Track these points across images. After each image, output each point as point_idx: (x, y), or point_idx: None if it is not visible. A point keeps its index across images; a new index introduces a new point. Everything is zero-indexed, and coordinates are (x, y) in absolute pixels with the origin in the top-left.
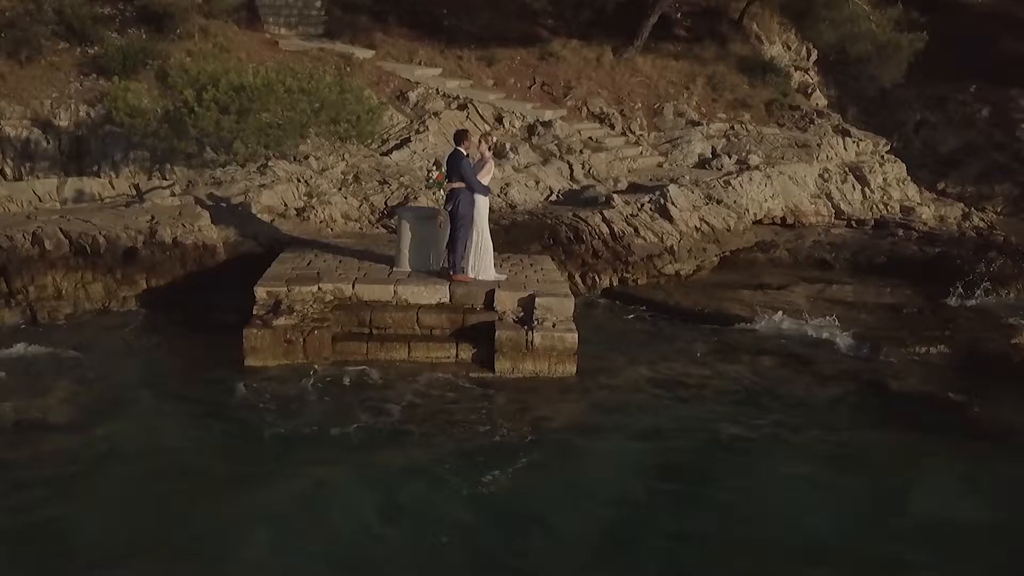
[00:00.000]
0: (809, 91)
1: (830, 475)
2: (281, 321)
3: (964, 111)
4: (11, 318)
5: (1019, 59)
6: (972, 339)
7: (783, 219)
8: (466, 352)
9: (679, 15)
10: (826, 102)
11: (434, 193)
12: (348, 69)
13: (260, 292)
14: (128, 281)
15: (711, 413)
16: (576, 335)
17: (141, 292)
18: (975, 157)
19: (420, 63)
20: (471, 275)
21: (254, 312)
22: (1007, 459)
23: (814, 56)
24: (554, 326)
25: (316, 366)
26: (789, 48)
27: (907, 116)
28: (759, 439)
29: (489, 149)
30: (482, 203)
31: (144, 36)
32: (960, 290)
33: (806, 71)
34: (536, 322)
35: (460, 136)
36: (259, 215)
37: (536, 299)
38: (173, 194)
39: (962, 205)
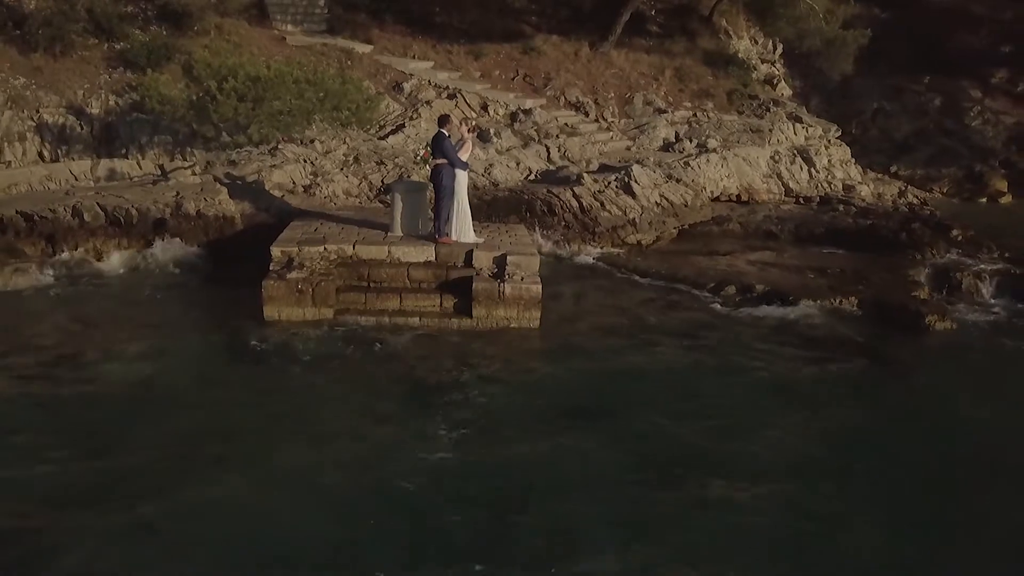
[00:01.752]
0: (775, 82)
1: (750, 396)
2: (293, 275)
3: (918, 100)
4: (57, 276)
5: (970, 52)
6: (879, 293)
7: (738, 196)
8: (448, 302)
9: (653, 12)
10: (791, 92)
11: (421, 169)
12: (349, 62)
13: (275, 251)
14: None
15: (650, 350)
16: (540, 287)
17: (171, 256)
18: (926, 143)
19: (414, 57)
20: (453, 237)
21: (270, 268)
22: (897, 383)
23: (780, 49)
24: (522, 279)
25: (323, 315)
26: (756, 42)
27: (865, 105)
28: (688, 368)
29: (469, 131)
30: (462, 176)
31: (165, 33)
32: (883, 254)
33: (772, 63)
34: (507, 276)
35: (443, 120)
36: (271, 191)
37: (508, 257)
38: (194, 173)
39: (900, 184)
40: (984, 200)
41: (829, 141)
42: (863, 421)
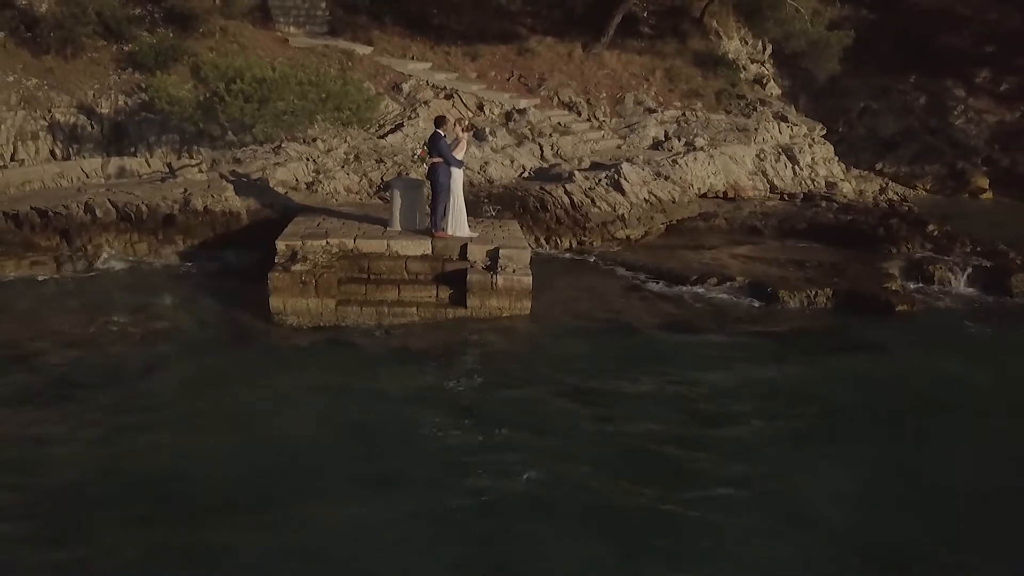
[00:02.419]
0: (764, 81)
1: (731, 371)
2: (297, 267)
3: (904, 99)
4: (73, 270)
5: (955, 52)
6: (854, 285)
7: (725, 193)
8: (444, 293)
9: (645, 13)
10: (780, 91)
11: (418, 167)
12: (350, 64)
13: (280, 245)
14: (168, 240)
15: (633, 337)
16: (530, 278)
17: (179, 249)
18: (911, 140)
19: (412, 58)
20: (449, 232)
21: (276, 260)
22: (866, 363)
23: (769, 50)
24: (514, 271)
25: (326, 305)
26: (746, 43)
27: (852, 104)
28: (668, 353)
29: (464, 131)
30: (457, 174)
31: (171, 35)
32: (861, 249)
33: (762, 63)
34: (500, 268)
35: (439, 121)
36: (275, 188)
37: (500, 250)
38: (201, 171)
39: (882, 181)
40: (966, 197)
41: (813, 140)
42: (829, 399)
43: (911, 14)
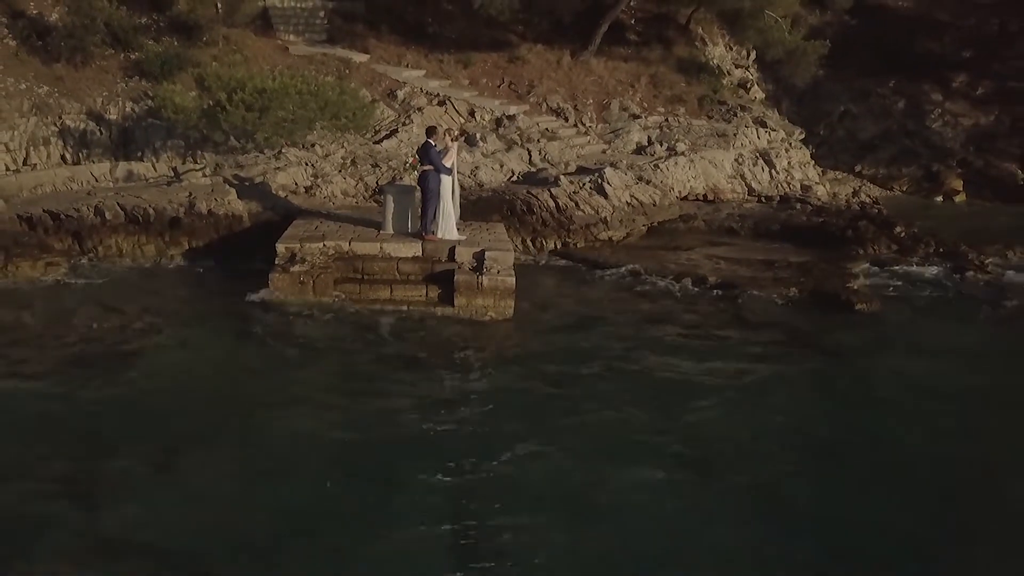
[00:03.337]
0: (748, 86)
1: (693, 369)
2: (296, 268)
3: (883, 103)
4: (86, 270)
5: (933, 56)
6: (817, 283)
7: (704, 196)
8: (433, 292)
9: (633, 20)
10: (764, 95)
11: (410, 174)
12: (347, 71)
13: (280, 247)
14: (174, 242)
15: (610, 332)
16: (514, 279)
17: (185, 251)
18: (889, 143)
19: (407, 65)
20: (438, 235)
21: (276, 262)
22: (826, 360)
23: (753, 55)
24: (498, 272)
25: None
26: (731, 48)
27: (833, 107)
28: (642, 347)
29: (453, 140)
30: (446, 181)
31: (176, 43)
32: (829, 249)
33: (746, 68)
34: (485, 269)
35: (430, 131)
36: (275, 192)
37: (486, 253)
38: (204, 175)
39: (855, 183)
40: (940, 198)
41: (790, 144)
42: (787, 389)
43: (891, 20)
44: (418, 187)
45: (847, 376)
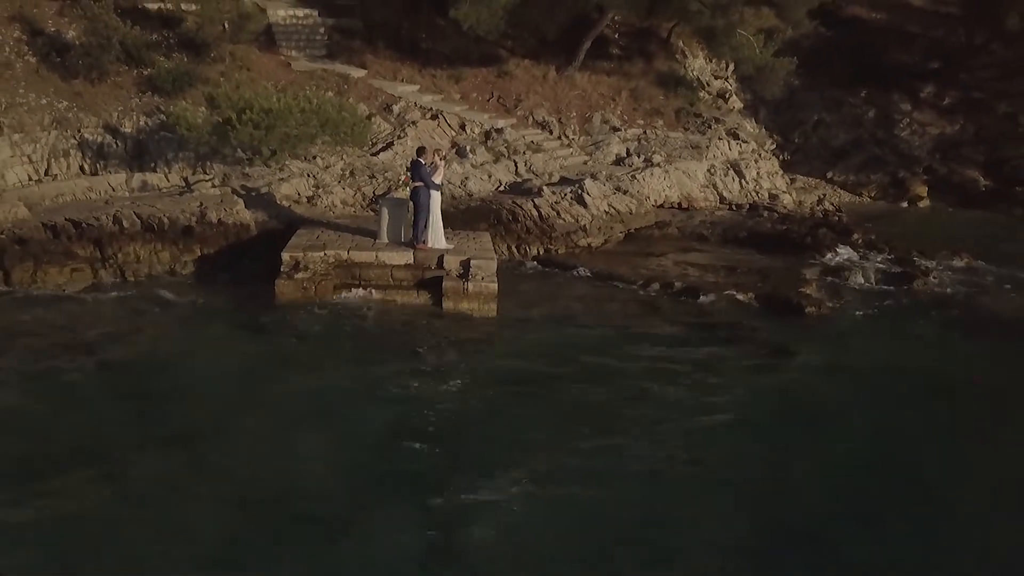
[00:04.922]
0: (727, 96)
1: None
2: (299, 275)
3: (855, 112)
4: (108, 277)
5: (903, 67)
6: (774, 287)
7: (679, 204)
8: (424, 297)
9: (617, 35)
10: (742, 105)
11: (403, 189)
12: (346, 86)
13: (285, 256)
14: (187, 250)
15: (582, 332)
16: (496, 285)
17: (197, 257)
18: (859, 151)
19: (402, 80)
20: (428, 244)
21: (281, 270)
22: (772, 356)
23: (732, 67)
24: (483, 279)
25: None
26: (711, 61)
27: (807, 116)
28: (611, 345)
29: (441, 159)
30: (435, 195)
31: (185, 59)
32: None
33: (725, 79)
34: (471, 276)
35: (420, 151)
36: (280, 202)
37: (471, 261)
38: (214, 186)
39: (821, 191)
40: (906, 204)
41: (760, 155)
42: (734, 381)
43: (864, 31)
44: (411, 201)
45: (790, 370)
